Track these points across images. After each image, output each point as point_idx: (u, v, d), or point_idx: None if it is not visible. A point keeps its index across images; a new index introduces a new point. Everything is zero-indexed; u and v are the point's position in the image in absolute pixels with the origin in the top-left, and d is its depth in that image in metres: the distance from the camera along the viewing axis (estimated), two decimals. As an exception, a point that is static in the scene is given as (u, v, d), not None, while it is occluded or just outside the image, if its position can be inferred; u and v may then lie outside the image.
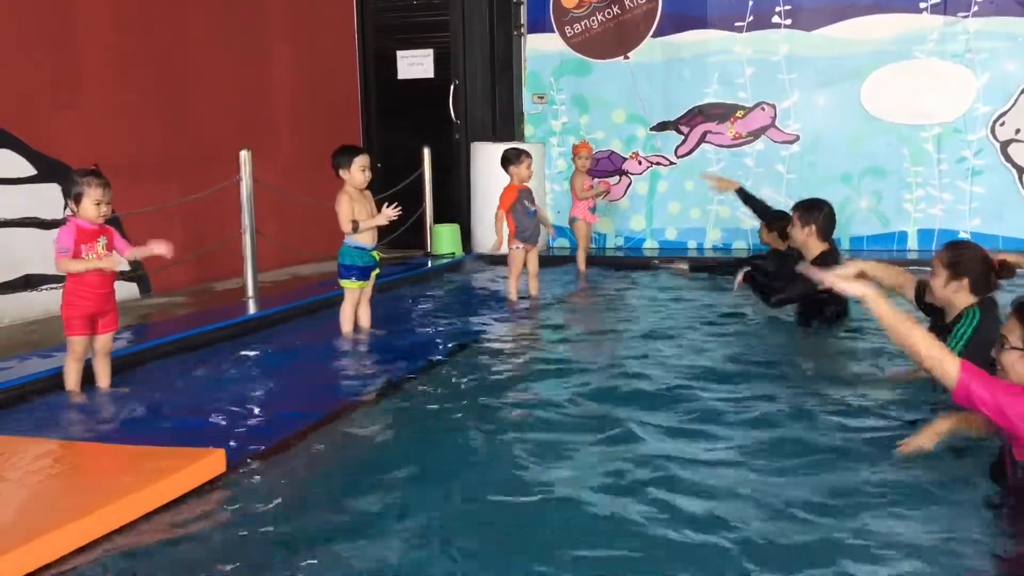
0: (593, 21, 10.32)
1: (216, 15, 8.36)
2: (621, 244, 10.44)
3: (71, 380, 4.60)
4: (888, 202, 9.65)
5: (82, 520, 2.90)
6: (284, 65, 9.38)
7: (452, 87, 10.47)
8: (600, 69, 10.34)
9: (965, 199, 9.46)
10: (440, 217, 9.96)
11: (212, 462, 3.45)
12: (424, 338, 5.92)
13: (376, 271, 6.03)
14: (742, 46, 9.88)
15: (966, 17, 9.29)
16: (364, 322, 6.04)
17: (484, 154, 9.71)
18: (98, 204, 4.44)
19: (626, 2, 10.18)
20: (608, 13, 10.26)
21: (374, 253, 5.94)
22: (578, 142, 9.51)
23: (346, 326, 5.96)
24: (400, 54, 10.69)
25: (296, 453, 3.77)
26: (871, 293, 3.12)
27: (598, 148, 10.19)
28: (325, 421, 4.18)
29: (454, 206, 10.30)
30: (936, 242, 9.49)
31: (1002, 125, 9.30)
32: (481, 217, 9.80)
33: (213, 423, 4.14)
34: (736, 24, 9.87)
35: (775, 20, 9.77)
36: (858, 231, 9.71)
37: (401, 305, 7.15)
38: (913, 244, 9.60)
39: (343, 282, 5.93)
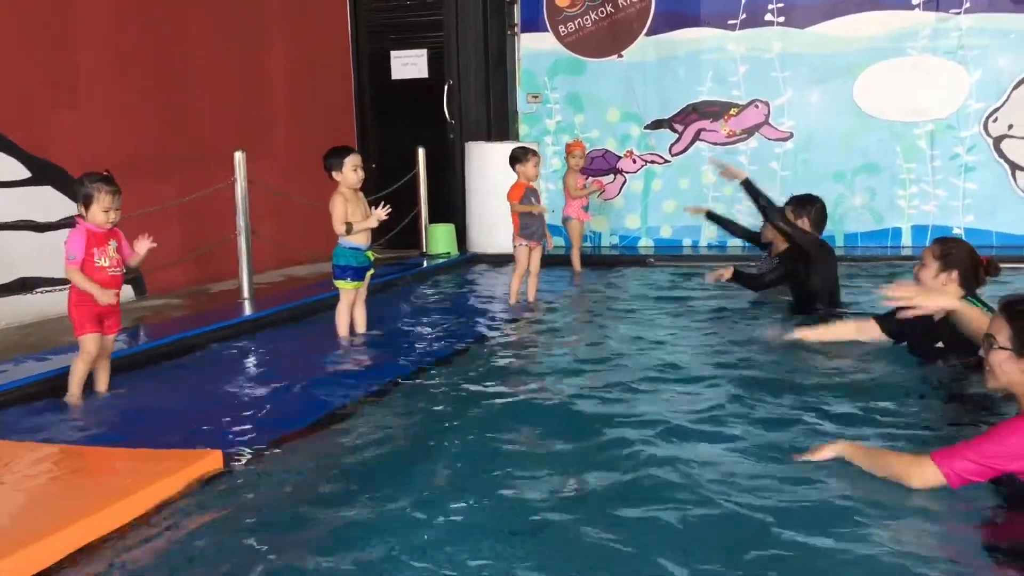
0: (586, 20, 10.34)
1: (211, 16, 8.36)
2: (616, 243, 10.46)
3: (76, 384, 4.53)
4: (881, 199, 9.68)
5: (80, 523, 2.91)
6: (278, 66, 9.39)
7: (446, 87, 10.48)
8: (594, 68, 10.36)
9: (958, 195, 9.50)
10: (435, 217, 9.97)
11: (209, 463, 3.46)
12: (421, 339, 5.93)
13: (371, 271, 6.04)
14: (735, 44, 9.90)
15: (958, 14, 9.32)
16: (360, 323, 6.05)
17: (479, 154, 9.72)
18: (107, 211, 4.41)
19: (619, 1, 10.20)
20: (601, 12, 10.28)
21: (368, 253, 5.95)
22: (571, 141, 9.53)
23: (342, 327, 5.97)
24: (394, 54, 10.70)
25: (292, 454, 3.77)
26: (840, 448, 3.28)
27: (593, 147, 10.22)
28: (321, 422, 4.19)
29: (449, 206, 10.32)
30: (929, 238, 9.51)
31: (995, 121, 9.33)
32: (477, 217, 9.82)
33: (209, 424, 4.15)
34: (729, 22, 9.89)
35: (768, 18, 9.80)
36: (852, 228, 9.74)
37: (397, 306, 7.15)
38: (907, 240, 9.64)
39: (338, 283, 5.94)
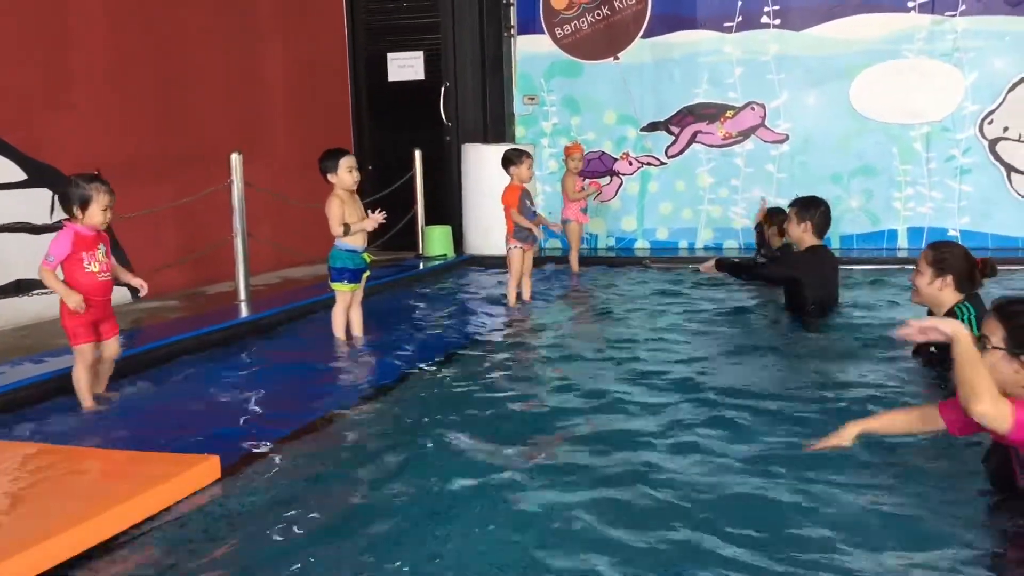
0: (583, 22, 10.35)
1: (209, 17, 8.36)
2: (612, 244, 10.46)
3: (84, 391, 4.48)
4: (878, 201, 9.70)
5: (76, 527, 2.90)
6: (275, 68, 9.38)
7: (443, 89, 10.48)
8: (590, 70, 10.37)
9: (954, 197, 9.51)
10: (432, 219, 9.97)
11: (206, 468, 3.45)
12: (417, 341, 5.92)
13: (367, 273, 6.04)
14: (731, 46, 9.92)
15: (953, 16, 9.34)
16: (356, 325, 6.04)
17: (475, 155, 9.72)
18: (105, 210, 4.41)
19: (616, 3, 10.20)
20: (598, 14, 10.29)
21: (365, 255, 5.94)
22: (570, 143, 9.54)
23: (338, 330, 5.96)
24: (391, 56, 10.70)
25: (289, 458, 3.77)
26: (861, 426, 3.35)
27: (589, 149, 10.22)
28: (318, 426, 4.19)
29: (446, 208, 10.32)
30: (925, 240, 9.54)
31: (990, 123, 9.35)
32: (473, 219, 9.82)
33: (206, 428, 4.14)
34: (725, 24, 9.90)
35: (764, 20, 9.81)
36: (848, 230, 9.75)
37: (394, 308, 7.15)
38: (903, 242, 9.65)
39: (334, 285, 5.93)
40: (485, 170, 9.39)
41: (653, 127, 10.27)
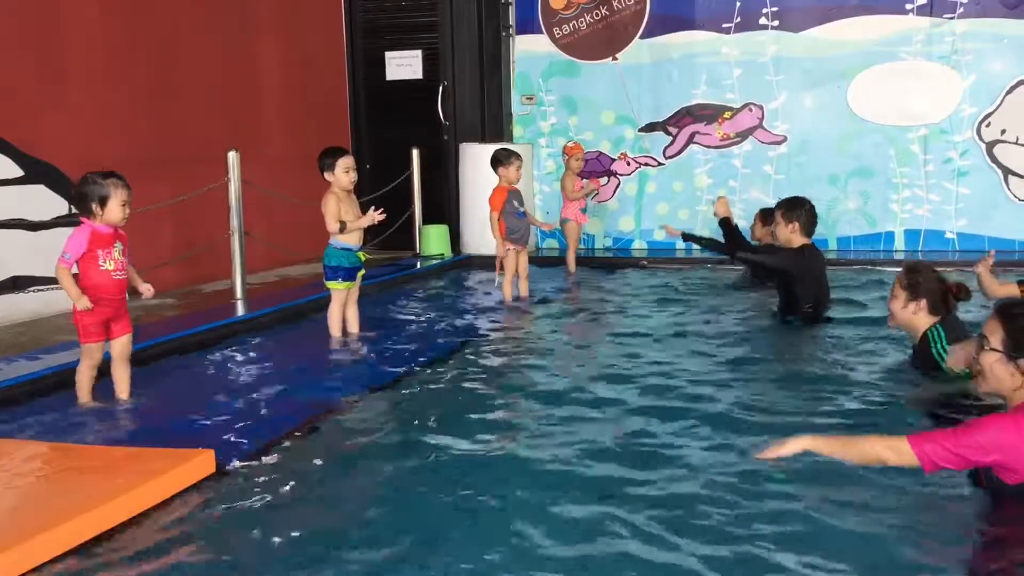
0: (581, 22, 10.35)
1: (206, 15, 8.35)
2: (610, 245, 10.46)
3: (84, 390, 4.47)
4: (875, 203, 9.70)
5: (72, 522, 2.90)
6: (273, 66, 9.38)
7: (441, 88, 10.48)
8: (589, 70, 10.37)
9: (951, 200, 9.52)
10: (429, 218, 9.96)
11: (201, 463, 3.45)
12: (414, 340, 5.92)
13: (362, 272, 6.03)
14: (730, 47, 9.92)
15: (952, 18, 9.35)
16: (352, 324, 6.04)
17: (473, 155, 9.72)
18: (124, 205, 4.33)
19: (614, 3, 10.21)
20: (596, 14, 10.29)
21: (360, 254, 5.94)
22: (570, 143, 9.53)
23: (334, 328, 5.96)
24: (389, 55, 10.69)
25: (285, 454, 3.77)
26: (808, 442, 3.00)
27: (587, 149, 10.20)
28: (313, 422, 4.18)
29: (443, 207, 10.31)
30: (923, 242, 9.56)
31: (988, 126, 9.36)
32: (471, 218, 9.81)
33: (202, 424, 4.14)
34: (724, 25, 9.91)
35: (762, 21, 9.81)
36: (845, 232, 9.76)
37: (391, 307, 7.14)
38: (900, 244, 9.66)
39: (329, 283, 5.92)
40: (483, 170, 9.31)
41: (651, 128, 10.27)
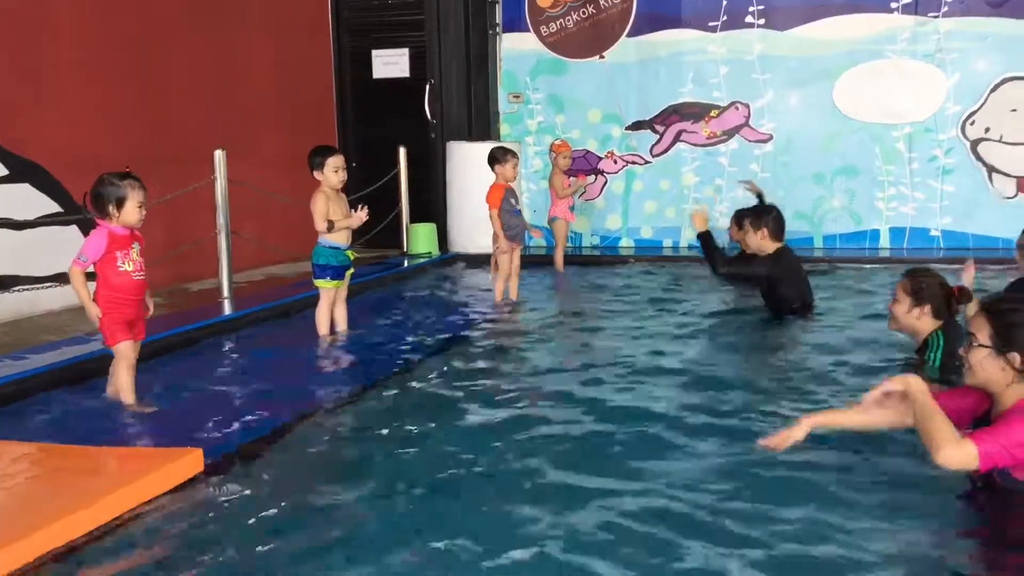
0: (568, 20, 10.35)
1: (193, 13, 8.30)
2: (597, 243, 10.48)
3: (128, 390, 4.38)
4: (860, 201, 9.74)
5: (59, 522, 2.89)
6: (260, 64, 9.34)
7: (428, 86, 10.47)
8: (576, 68, 10.37)
9: (936, 197, 9.57)
10: (416, 216, 9.95)
11: (190, 462, 3.44)
12: (401, 339, 5.91)
13: (350, 270, 6.02)
14: (716, 46, 9.94)
15: (936, 17, 9.40)
16: (340, 323, 6.03)
17: (460, 153, 9.71)
18: (140, 207, 4.31)
19: (601, 2, 10.21)
20: (583, 12, 10.29)
21: (348, 252, 5.93)
22: (557, 141, 9.54)
23: (322, 327, 5.95)
24: (375, 53, 10.66)
25: (273, 453, 3.77)
26: (813, 420, 3.09)
27: (574, 147, 10.20)
28: (301, 421, 4.18)
29: (430, 205, 10.29)
30: (908, 240, 9.61)
31: (972, 124, 9.41)
32: (458, 216, 9.81)
33: (189, 423, 4.12)
34: (710, 24, 9.93)
35: (748, 20, 9.84)
36: (831, 229, 9.80)
37: (378, 305, 7.13)
38: (885, 242, 9.70)
39: (318, 282, 5.91)
40: (470, 168, 9.37)
41: (638, 126, 10.28)
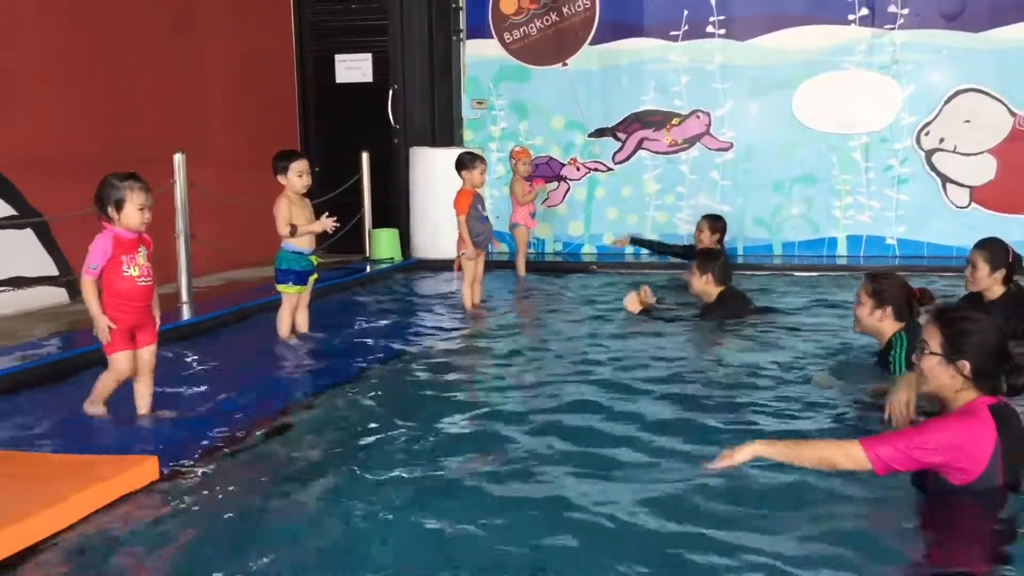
0: (532, 28, 10.40)
1: (151, 15, 8.22)
2: (560, 249, 10.52)
3: (102, 396, 4.26)
4: (818, 209, 9.88)
5: (8, 529, 2.85)
6: (220, 67, 9.27)
7: (391, 92, 10.45)
8: (539, 75, 10.42)
9: (892, 206, 9.74)
10: (379, 222, 9.93)
11: (144, 470, 3.41)
12: (363, 344, 5.90)
13: (314, 276, 6.00)
14: (678, 55, 10.04)
15: (892, 29, 9.57)
16: (302, 327, 6.00)
17: (423, 159, 9.71)
18: (142, 210, 4.07)
19: (564, 9, 10.27)
20: (546, 20, 10.35)
21: (312, 258, 5.91)
22: (517, 148, 9.57)
23: (284, 331, 5.91)
24: (338, 58, 10.63)
25: (230, 459, 3.74)
26: (760, 447, 3.05)
27: (537, 154, 10.26)
28: (260, 427, 4.15)
29: (393, 211, 10.28)
30: (864, 248, 9.76)
31: (927, 135, 9.59)
32: (421, 222, 9.80)
33: (145, 430, 4.09)
34: (672, 33, 10.03)
35: (709, 30, 9.95)
36: (789, 237, 9.93)
37: (340, 310, 7.11)
38: (842, 250, 9.85)
39: (280, 287, 5.88)
40: (433, 174, 9.38)
41: (600, 133, 10.35)
